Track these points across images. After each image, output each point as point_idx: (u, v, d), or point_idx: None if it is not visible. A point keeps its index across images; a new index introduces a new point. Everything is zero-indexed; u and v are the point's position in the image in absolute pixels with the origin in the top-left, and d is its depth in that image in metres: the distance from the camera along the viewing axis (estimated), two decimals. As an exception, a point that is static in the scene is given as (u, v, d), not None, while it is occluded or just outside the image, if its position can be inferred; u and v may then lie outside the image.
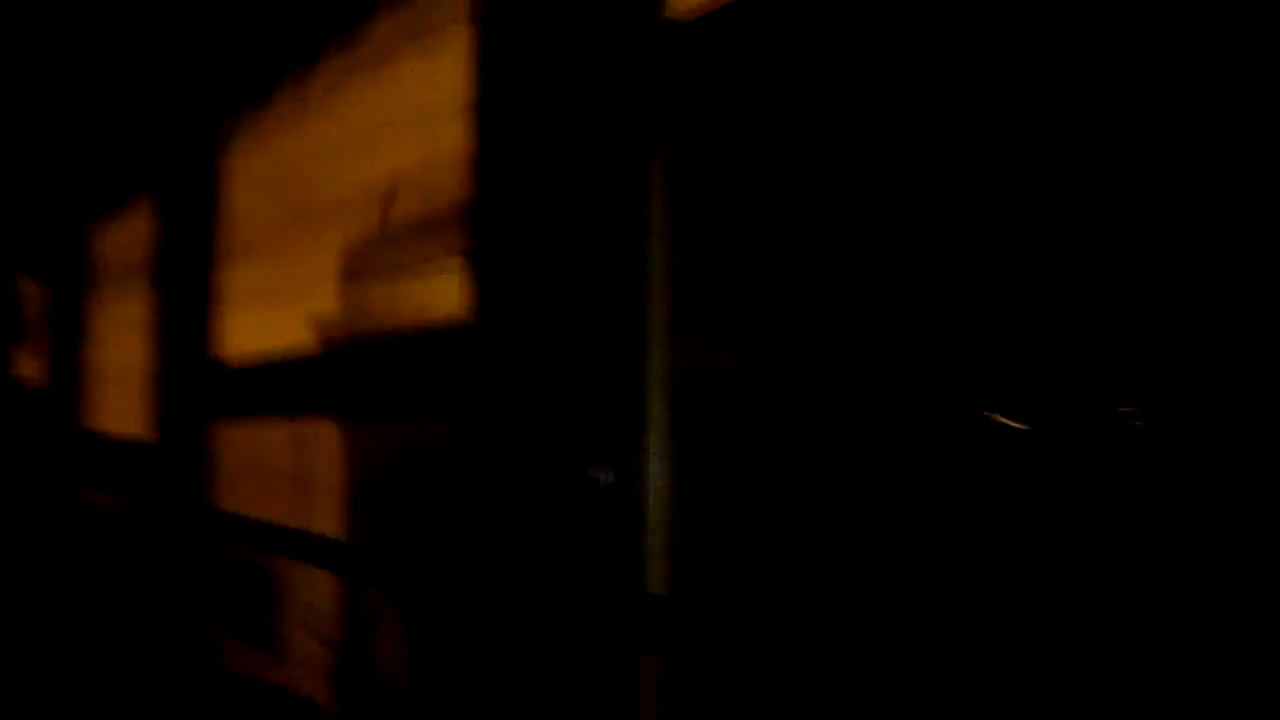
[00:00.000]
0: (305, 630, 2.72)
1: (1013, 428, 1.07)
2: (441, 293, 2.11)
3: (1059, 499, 1.05)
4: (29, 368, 6.04)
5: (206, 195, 3.34)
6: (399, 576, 2.32)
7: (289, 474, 2.83)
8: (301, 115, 2.88)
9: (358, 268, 2.55)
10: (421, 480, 2.26)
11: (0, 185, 5.61)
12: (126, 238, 4.42)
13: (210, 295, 3.29)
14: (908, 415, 1.19)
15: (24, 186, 5.58)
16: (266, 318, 3.01)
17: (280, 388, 2.89)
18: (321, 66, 2.76)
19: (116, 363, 4.49)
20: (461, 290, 1.91)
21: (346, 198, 2.61)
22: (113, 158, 4.44)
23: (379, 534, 2.43)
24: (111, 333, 4.61)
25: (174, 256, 3.52)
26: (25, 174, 5.40)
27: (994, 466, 1.10)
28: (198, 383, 3.32)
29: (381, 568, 2.40)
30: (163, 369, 3.58)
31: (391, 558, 2.33)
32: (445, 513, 2.03)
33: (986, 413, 1.09)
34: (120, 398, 4.39)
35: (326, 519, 2.63)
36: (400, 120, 2.40)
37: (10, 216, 5.97)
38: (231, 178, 3.30)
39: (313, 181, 2.80)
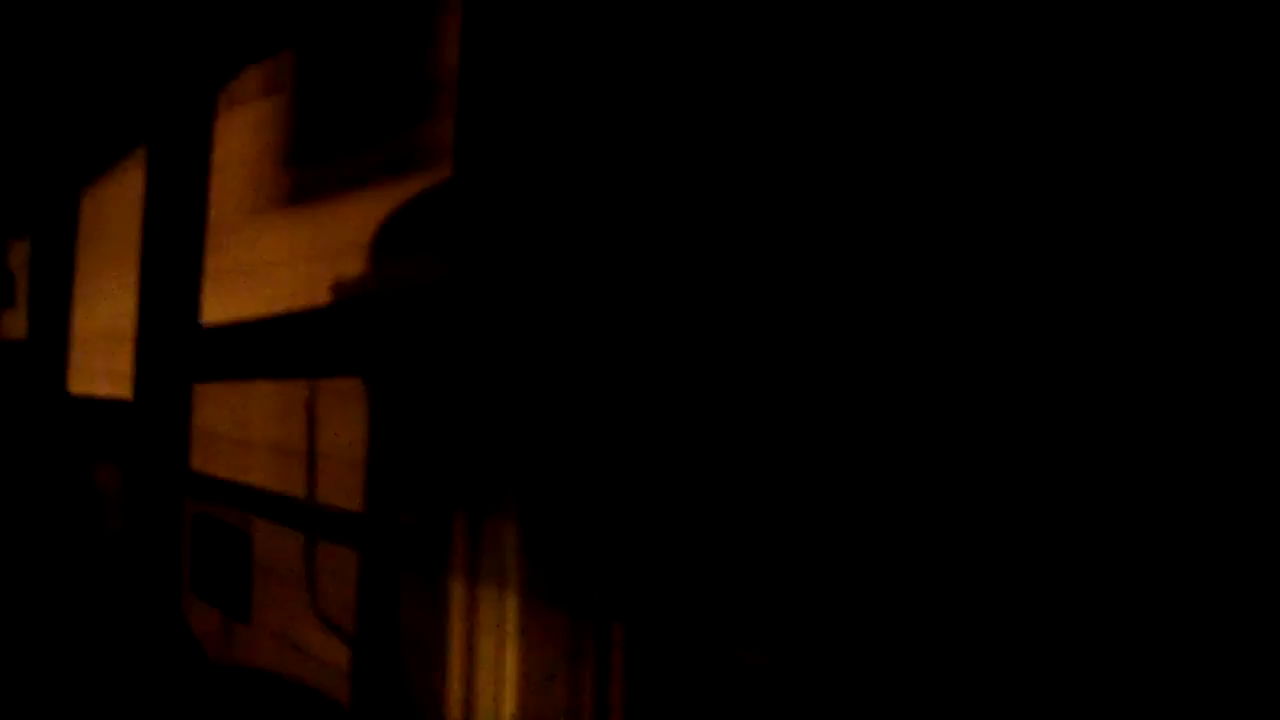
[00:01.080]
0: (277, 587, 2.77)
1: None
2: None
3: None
4: (16, 329, 6.06)
5: (199, 160, 3.38)
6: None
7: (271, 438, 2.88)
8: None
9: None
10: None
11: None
12: (116, 201, 4.45)
13: (195, 264, 3.33)
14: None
15: (15, 149, 5.59)
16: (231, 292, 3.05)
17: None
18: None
19: (102, 324, 4.52)
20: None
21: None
22: (106, 121, 4.47)
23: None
24: (99, 295, 4.65)
25: (164, 221, 3.56)
26: (17, 137, 5.41)
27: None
28: (181, 345, 3.36)
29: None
30: (149, 331, 3.62)
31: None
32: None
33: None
34: (105, 359, 4.42)
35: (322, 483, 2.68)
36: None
37: (2, 180, 5.99)
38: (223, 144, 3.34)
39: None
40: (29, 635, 3.67)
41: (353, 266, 2.52)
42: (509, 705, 1.86)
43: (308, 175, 2.76)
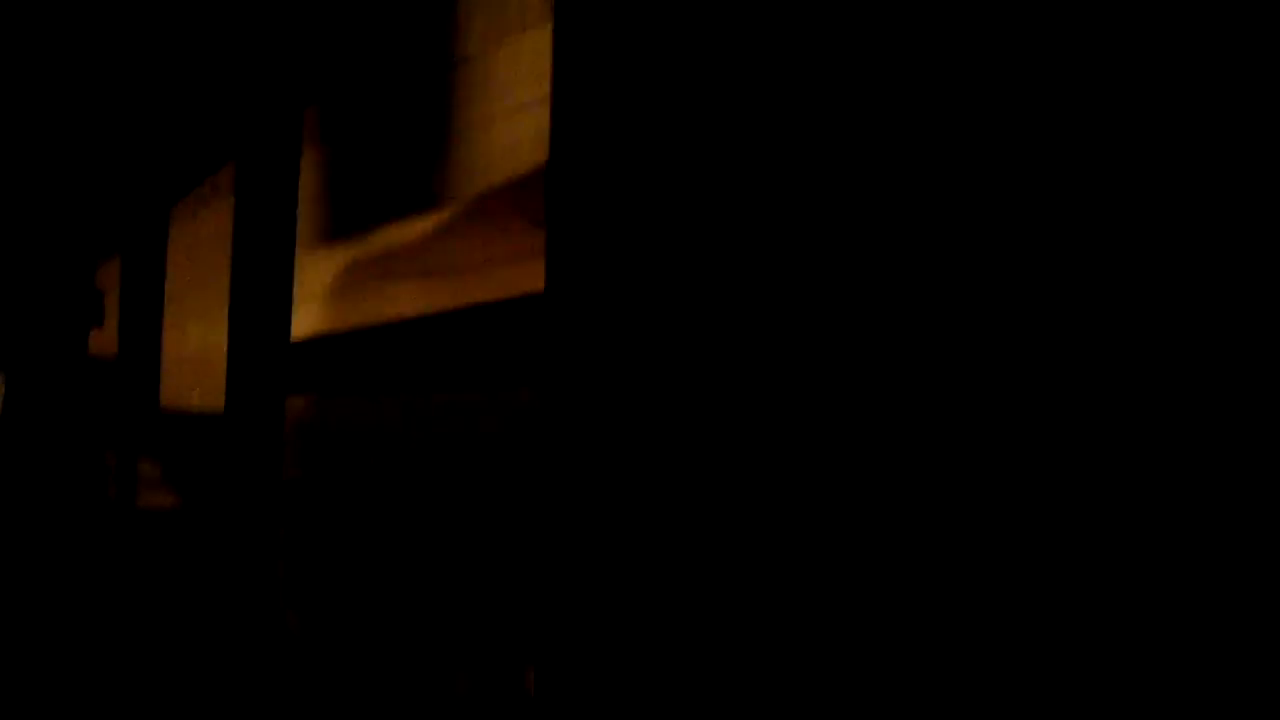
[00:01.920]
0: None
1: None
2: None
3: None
4: (106, 347, 6.23)
5: (288, 181, 3.43)
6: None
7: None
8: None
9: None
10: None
11: (82, 171, 5.79)
12: (207, 223, 4.55)
13: (287, 279, 3.38)
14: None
15: (106, 166, 5.75)
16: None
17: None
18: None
19: (195, 344, 4.61)
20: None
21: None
22: (197, 144, 4.57)
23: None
24: (191, 314, 4.75)
25: (254, 240, 3.62)
26: (108, 154, 5.57)
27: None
28: (272, 363, 3.41)
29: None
30: (240, 345, 3.68)
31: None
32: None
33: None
34: (197, 378, 4.51)
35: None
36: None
37: (92, 200, 6.17)
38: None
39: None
40: (137, 642, 3.75)
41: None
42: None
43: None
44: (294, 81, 3.46)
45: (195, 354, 4.55)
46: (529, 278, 2.15)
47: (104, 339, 6.39)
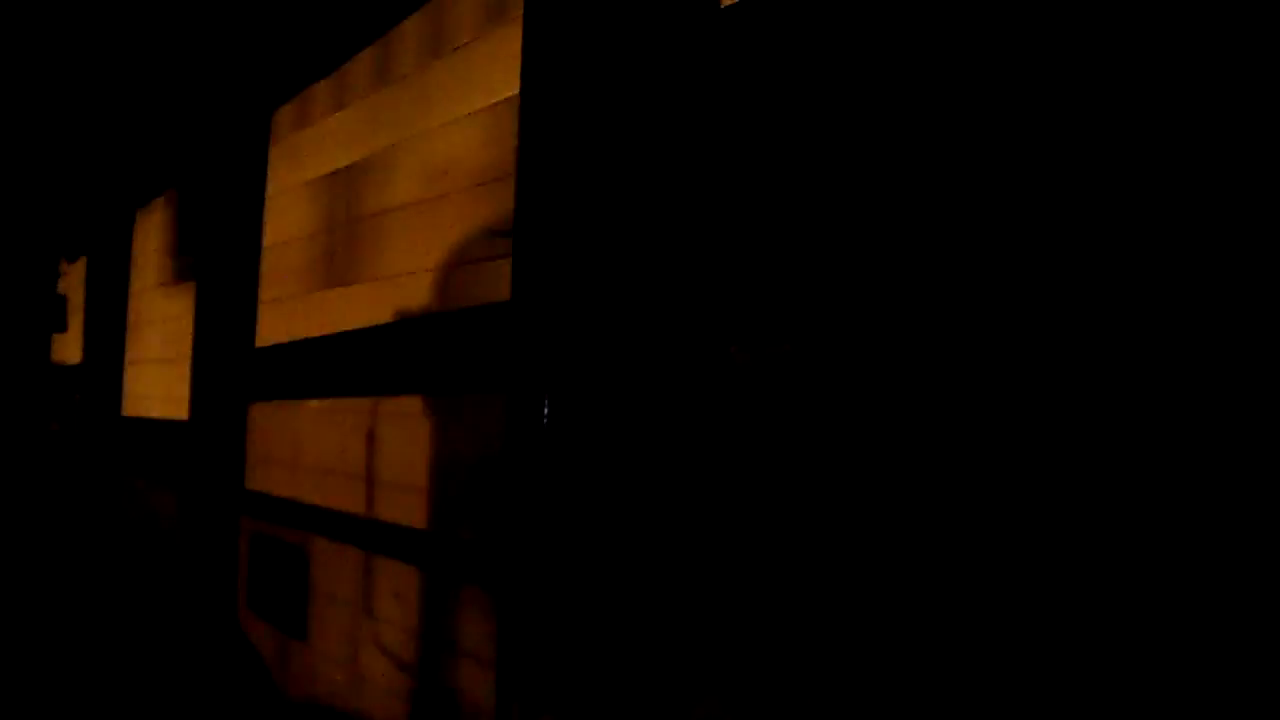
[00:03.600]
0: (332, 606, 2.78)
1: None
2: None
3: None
4: (68, 353, 6.16)
5: (253, 188, 3.42)
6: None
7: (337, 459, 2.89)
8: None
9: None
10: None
11: (44, 174, 5.73)
12: (167, 226, 4.52)
13: (252, 284, 3.36)
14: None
15: (68, 175, 5.69)
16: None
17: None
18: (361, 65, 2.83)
19: (157, 347, 4.58)
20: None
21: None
22: (160, 145, 4.54)
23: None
24: (153, 317, 4.71)
25: (218, 245, 3.60)
26: (70, 159, 5.51)
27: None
28: (238, 366, 3.39)
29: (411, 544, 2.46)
30: (204, 351, 3.66)
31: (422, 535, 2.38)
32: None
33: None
34: (159, 381, 4.47)
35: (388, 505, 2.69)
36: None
37: (55, 204, 6.10)
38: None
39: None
40: (89, 648, 3.71)
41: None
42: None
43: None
44: (260, 90, 3.45)
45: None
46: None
47: (66, 344, 6.32)
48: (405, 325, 2.56)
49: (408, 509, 2.49)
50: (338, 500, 2.82)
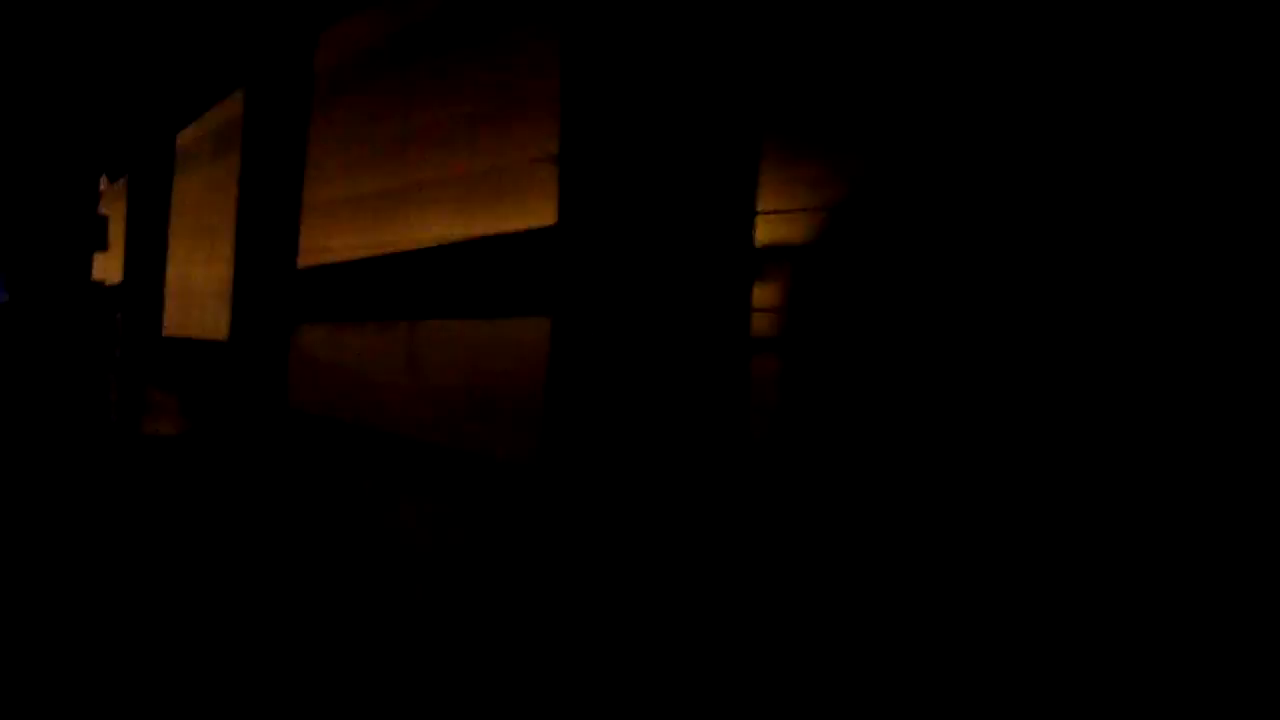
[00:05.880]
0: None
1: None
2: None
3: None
4: (110, 272, 6.21)
5: (301, 99, 3.38)
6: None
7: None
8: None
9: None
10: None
11: (87, 95, 5.72)
12: (209, 144, 4.51)
13: (296, 202, 3.35)
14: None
15: (111, 95, 5.68)
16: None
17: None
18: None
19: (200, 266, 4.59)
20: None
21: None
22: (203, 63, 4.51)
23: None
24: (194, 234, 4.72)
25: (262, 158, 3.58)
26: (110, 79, 5.49)
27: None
28: (282, 286, 3.39)
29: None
30: (246, 270, 3.66)
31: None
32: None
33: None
34: (200, 302, 4.50)
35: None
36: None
37: (97, 123, 6.10)
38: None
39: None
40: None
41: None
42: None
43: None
44: (300, 9, 3.40)
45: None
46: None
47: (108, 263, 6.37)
48: (448, 250, 2.54)
49: (451, 430, 2.49)
50: (376, 419, 2.83)
